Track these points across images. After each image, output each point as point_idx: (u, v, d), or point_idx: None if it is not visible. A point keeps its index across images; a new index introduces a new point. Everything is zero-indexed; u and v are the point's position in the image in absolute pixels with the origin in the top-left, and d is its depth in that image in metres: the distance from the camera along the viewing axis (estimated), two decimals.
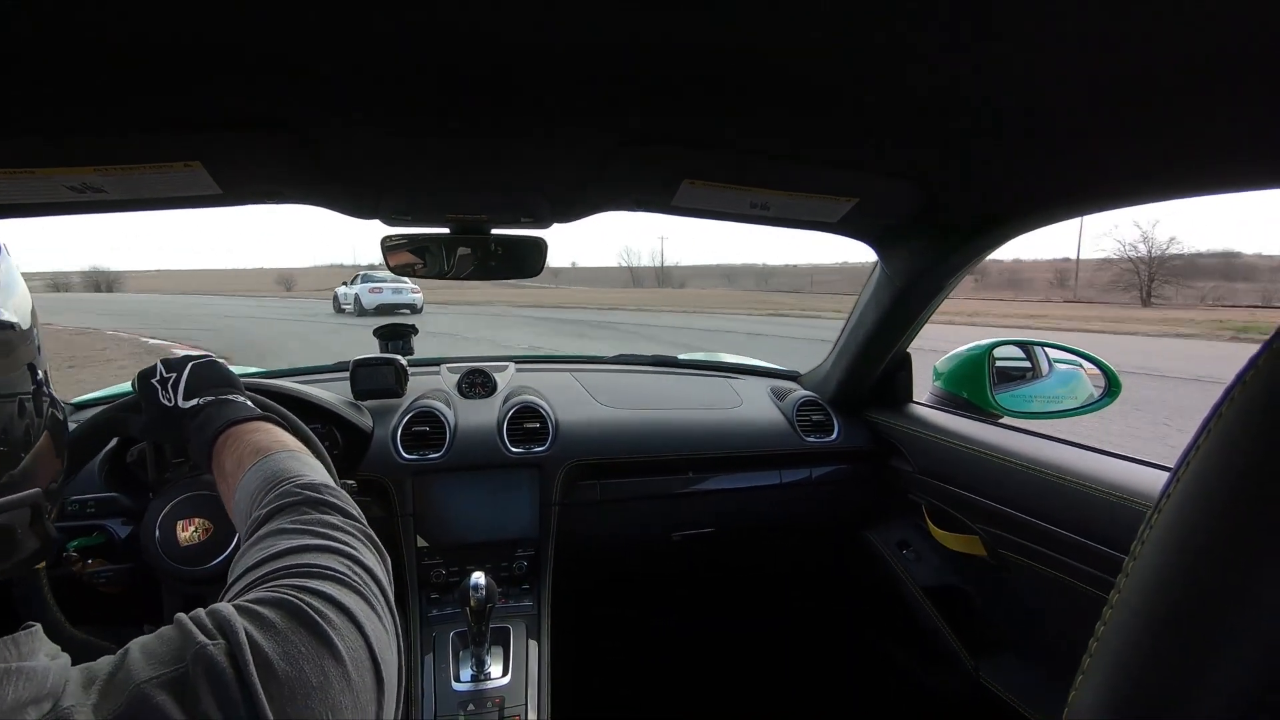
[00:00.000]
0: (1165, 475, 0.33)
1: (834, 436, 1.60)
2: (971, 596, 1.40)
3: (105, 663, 0.39)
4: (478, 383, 1.60)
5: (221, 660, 0.38)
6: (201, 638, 0.39)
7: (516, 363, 1.75)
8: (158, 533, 0.91)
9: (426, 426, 1.40)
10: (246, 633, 0.40)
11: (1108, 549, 0.97)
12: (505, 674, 1.20)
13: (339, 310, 19.92)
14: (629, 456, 1.48)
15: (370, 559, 0.52)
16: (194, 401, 0.81)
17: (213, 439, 0.75)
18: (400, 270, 1.28)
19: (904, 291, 1.30)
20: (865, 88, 0.67)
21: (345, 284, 21.10)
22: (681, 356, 2.01)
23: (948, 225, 1.09)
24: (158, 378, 0.85)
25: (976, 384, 1.46)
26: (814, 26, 0.54)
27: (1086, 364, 1.45)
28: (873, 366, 1.54)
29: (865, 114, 0.74)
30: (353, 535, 0.53)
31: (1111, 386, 1.37)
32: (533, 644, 1.26)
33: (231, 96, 0.70)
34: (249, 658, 0.39)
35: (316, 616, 0.43)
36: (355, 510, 0.58)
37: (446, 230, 1.25)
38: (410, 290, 19.39)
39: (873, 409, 1.63)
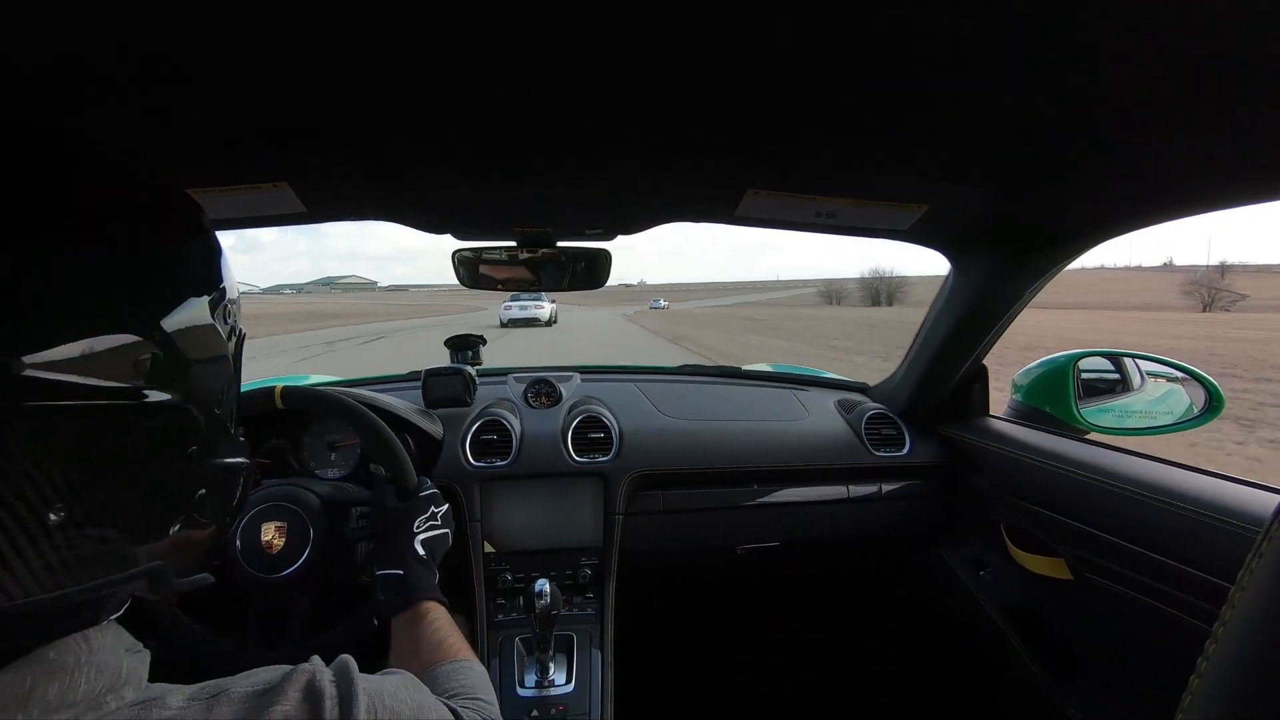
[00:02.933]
0: (1276, 498, 0.30)
1: (905, 451, 1.55)
2: (1054, 622, 1.32)
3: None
4: (543, 392, 1.63)
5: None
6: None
7: (581, 373, 1.78)
8: (238, 541, 0.95)
9: (494, 435, 1.44)
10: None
11: (1211, 577, 0.90)
12: (569, 681, 1.21)
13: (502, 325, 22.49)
14: (693, 467, 1.48)
15: None
16: (425, 552, 0.90)
17: (413, 603, 0.83)
18: (469, 283, 1.33)
19: (980, 300, 1.25)
20: (936, 92, 0.65)
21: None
22: (745, 367, 1.99)
23: (1025, 232, 1.05)
24: (431, 497, 0.98)
25: (1059, 397, 1.38)
26: (883, 31, 0.53)
27: (1183, 377, 1.35)
28: (946, 379, 1.49)
29: (936, 119, 0.72)
30: None
31: (1213, 401, 1.27)
32: (596, 653, 1.27)
33: (312, 119, 0.74)
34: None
35: None
36: None
37: (513, 243, 1.28)
38: (535, 305, 21.86)
39: (946, 423, 1.57)
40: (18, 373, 0.32)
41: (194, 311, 0.41)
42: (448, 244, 1.30)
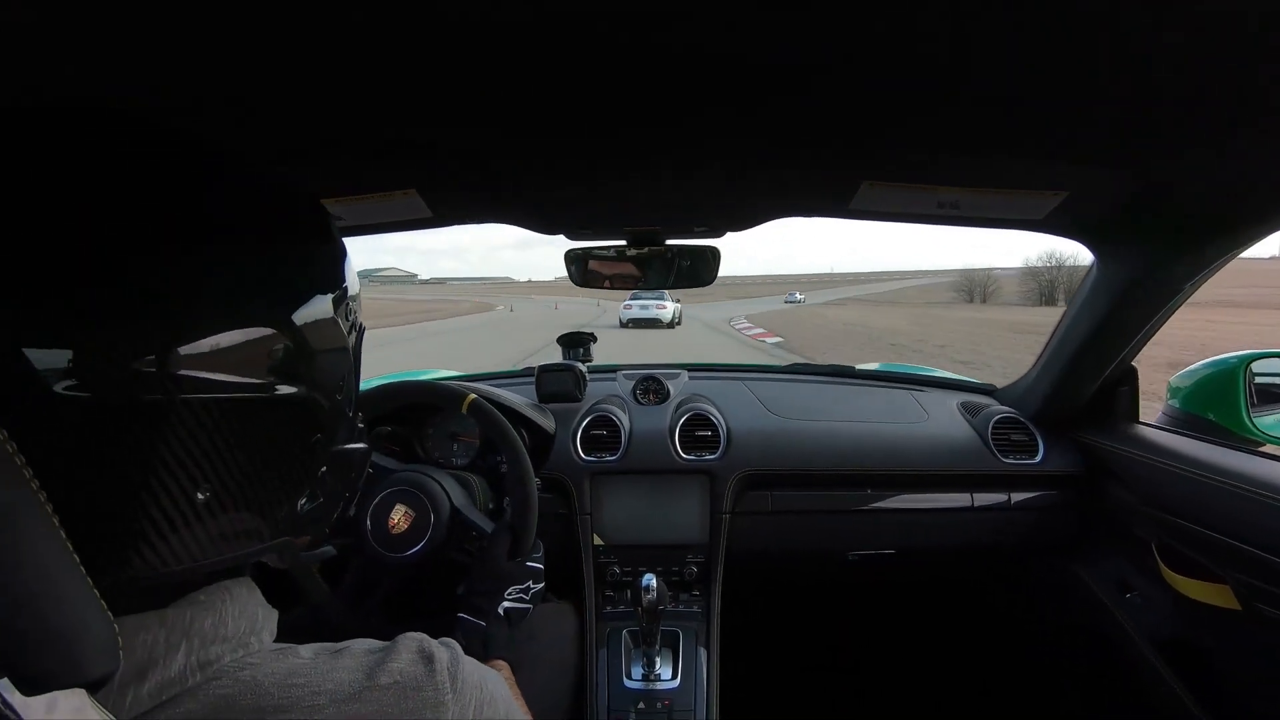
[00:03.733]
0: None
1: (1037, 458, 1.43)
2: (1217, 657, 1.18)
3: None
4: (651, 389, 1.65)
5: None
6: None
7: (689, 370, 1.78)
8: (369, 521, 1.04)
9: (603, 430, 1.47)
10: None
11: None
12: (674, 677, 1.22)
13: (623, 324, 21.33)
14: (802, 469, 1.44)
15: None
16: (501, 609, 0.96)
17: (486, 659, 0.88)
18: (581, 282, 1.37)
19: (1128, 296, 1.13)
20: (1069, 65, 0.59)
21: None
22: (859, 367, 1.92)
23: (1185, 217, 0.93)
24: (534, 571, 1.03)
25: (1227, 404, 1.23)
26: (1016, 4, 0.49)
27: None
28: (1087, 381, 1.36)
29: (1075, 96, 0.65)
30: None
31: None
32: (701, 650, 1.27)
33: (441, 130, 0.79)
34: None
35: None
36: None
37: (623, 242, 1.31)
38: (656, 305, 20.53)
39: (1086, 429, 1.44)
40: (174, 370, 0.37)
41: (320, 307, 0.45)
42: (495, 237, 1.35)
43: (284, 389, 0.43)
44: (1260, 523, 1.01)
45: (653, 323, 20.73)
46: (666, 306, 21.16)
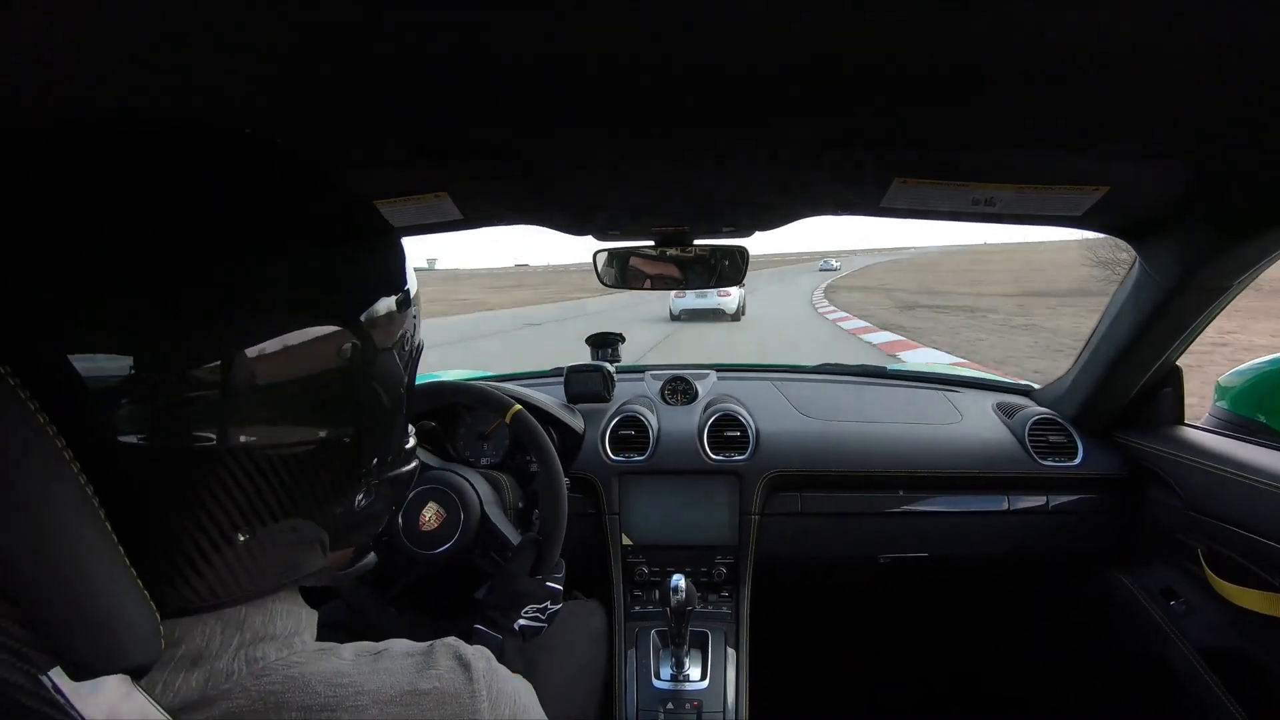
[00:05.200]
0: None
1: (1077, 461, 1.40)
2: (1268, 666, 1.13)
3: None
4: (679, 390, 1.65)
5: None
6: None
7: (718, 370, 1.78)
8: (401, 518, 1.06)
9: (632, 430, 1.47)
10: None
11: None
12: (703, 678, 1.22)
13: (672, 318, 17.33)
14: (832, 470, 1.43)
15: None
16: (519, 625, 0.96)
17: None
18: (610, 282, 1.38)
19: (1173, 293, 1.09)
20: (1111, 55, 0.57)
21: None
22: (890, 367, 1.89)
23: (1235, 210, 0.89)
24: (553, 593, 1.02)
25: None
26: None
27: None
28: (1129, 381, 1.32)
29: (1118, 85, 0.63)
30: None
31: None
32: (730, 651, 1.27)
33: (471, 133, 0.80)
34: None
35: None
36: None
37: (651, 242, 1.31)
38: (717, 293, 16.10)
39: (1128, 431, 1.39)
40: (235, 442, 0.38)
41: (385, 306, 0.46)
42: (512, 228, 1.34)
43: (338, 431, 0.43)
44: None
45: (713, 315, 16.88)
46: (731, 294, 16.64)
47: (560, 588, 1.04)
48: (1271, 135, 0.71)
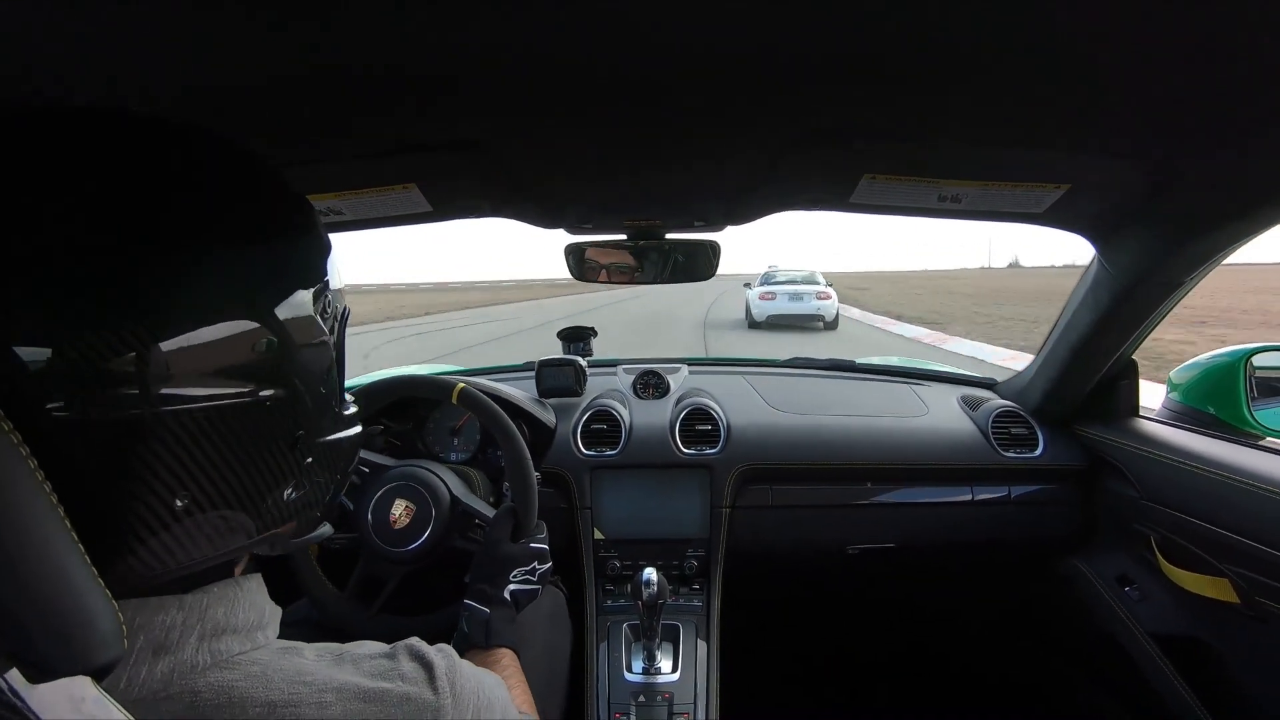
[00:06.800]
0: None
1: (1038, 452, 1.43)
2: (1218, 652, 1.18)
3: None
4: (651, 384, 1.65)
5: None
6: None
7: (690, 365, 1.78)
8: (370, 517, 1.05)
9: (604, 425, 1.47)
10: None
11: None
12: (675, 670, 1.22)
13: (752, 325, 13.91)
14: (802, 463, 1.45)
15: None
16: (512, 601, 0.95)
17: (491, 647, 0.87)
18: (582, 276, 1.37)
19: (1129, 289, 1.12)
20: (1078, 55, 0.58)
21: (748, 285, 15.34)
22: (859, 361, 1.91)
23: (1188, 209, 0.92)
24: (538, 552, 1.01)
25: (1228, 398, 1.22)
26: None
27: None
28: (1088, 375, 1.36)
29: (1078, 87, 0.65)
30: None
31: None
32: (701, 644, 1.27)
33: (438, 124, 0.78)
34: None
35: None
36: None
37: (624, 236, 1.31)
38: (816, 295, 13.30)
39: (1086, 423, 1.44)
40: (155, 378, 0.37)
41: (301, 301, 0.46)
42: (449, 237, 1.34)
43: (264, 391, 0.43)
44: (1260, 516, 1.01)
45: (808, 321, 13.44)
46: (830, 296, 13.40)
47: (545, 547, 1.03)
48: (1228, 136, 0.73)
